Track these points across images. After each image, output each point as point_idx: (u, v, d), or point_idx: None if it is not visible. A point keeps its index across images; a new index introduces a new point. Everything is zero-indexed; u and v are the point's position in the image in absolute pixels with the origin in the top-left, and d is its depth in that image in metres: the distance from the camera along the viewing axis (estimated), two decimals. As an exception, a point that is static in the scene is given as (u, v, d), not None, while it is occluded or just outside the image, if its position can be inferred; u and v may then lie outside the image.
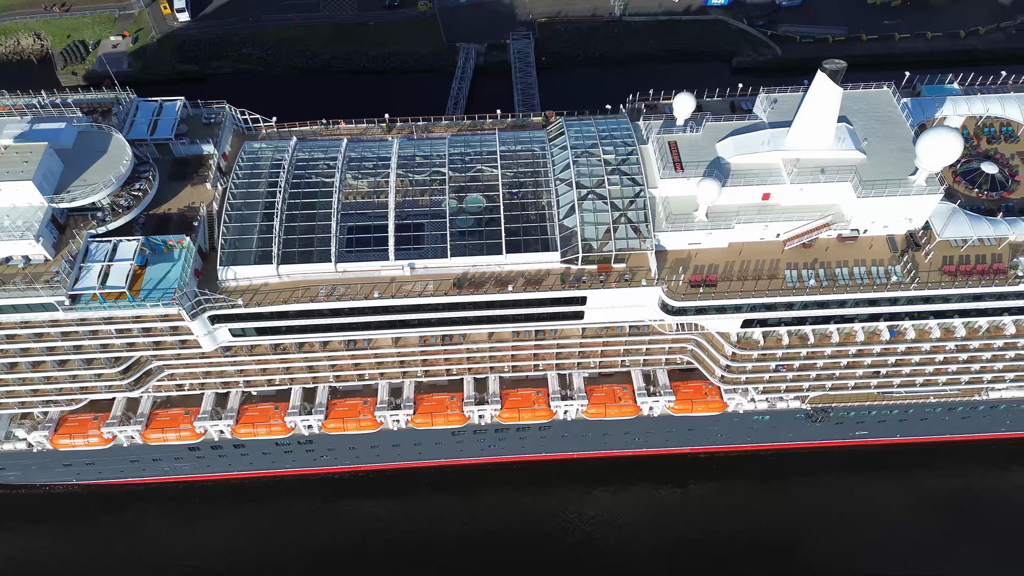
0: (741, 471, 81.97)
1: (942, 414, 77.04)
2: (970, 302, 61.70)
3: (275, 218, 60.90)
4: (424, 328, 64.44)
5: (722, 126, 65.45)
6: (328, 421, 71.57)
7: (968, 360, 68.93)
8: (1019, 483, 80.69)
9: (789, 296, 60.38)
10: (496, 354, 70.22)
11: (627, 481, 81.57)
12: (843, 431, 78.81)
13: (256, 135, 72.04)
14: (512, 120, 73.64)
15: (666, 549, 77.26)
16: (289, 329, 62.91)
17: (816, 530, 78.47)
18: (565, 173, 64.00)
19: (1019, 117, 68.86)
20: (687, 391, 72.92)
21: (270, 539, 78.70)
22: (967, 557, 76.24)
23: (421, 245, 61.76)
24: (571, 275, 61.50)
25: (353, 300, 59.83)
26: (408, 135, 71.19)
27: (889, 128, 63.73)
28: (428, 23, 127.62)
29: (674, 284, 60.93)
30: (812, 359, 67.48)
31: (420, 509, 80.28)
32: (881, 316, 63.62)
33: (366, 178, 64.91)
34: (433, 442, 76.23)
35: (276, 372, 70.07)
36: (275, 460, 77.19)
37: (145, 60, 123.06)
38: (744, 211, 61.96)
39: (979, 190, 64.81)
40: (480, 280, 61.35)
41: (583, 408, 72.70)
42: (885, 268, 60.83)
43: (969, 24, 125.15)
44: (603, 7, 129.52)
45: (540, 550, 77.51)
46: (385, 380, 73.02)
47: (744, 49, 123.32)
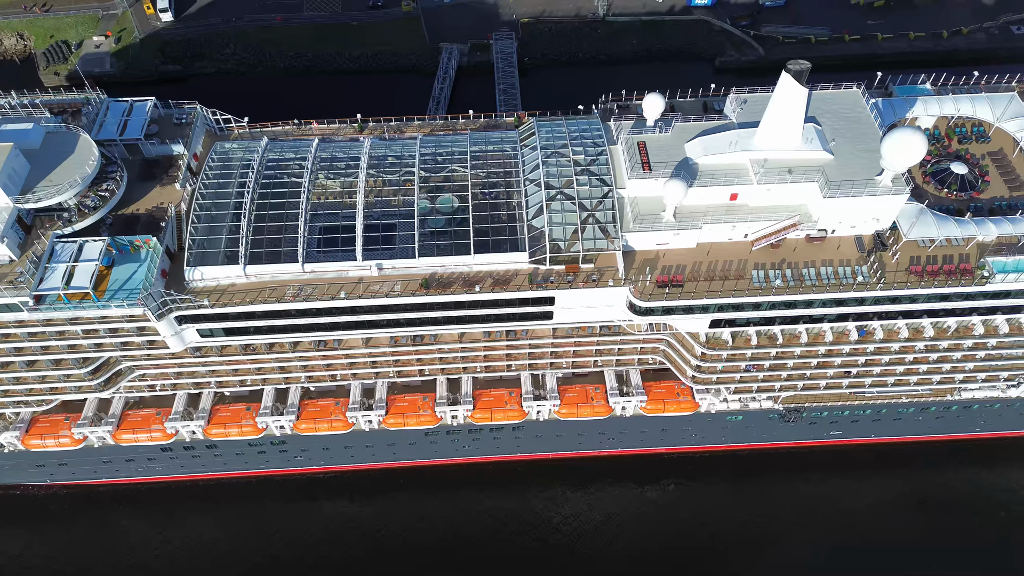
0: (717, 471, 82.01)
1: (915, 414, 77.11)
2: (937, 302, 61.74)
3: (243, 218, 60.86)
4: (393, 329, 64.42)
5: (692, 126, 65.53)
6: (300, 422, 71.56)
7: (938, 360, 68.97)
8: (993, 483, 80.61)
9: (756, 296, 60.38)
10: (468, 354, 70.22)
11: (603, 482, 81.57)
12: (817, 431, 78.88)
13: (228, 135, 71.96)
14: (485, 120, 73.62)
15: (642, 549, 77.25)
16: (257, 330, 62.85)
17: (792, 530, 78.49)
18: (534, 173, 64.04)
19: (990, 117, 68.96)
20: (659, 391, 72.98)
21: (245, 540, 78.66)
22: (942, 556, 76.24)
23: (389, 245, 61.66)
24: (539, 275, 61.47)
25: (320, 301, 59.77)
26: (380, 135, 71.13)
27: (857, 128, 63.81)
28: (411, 23, 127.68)
29: (641, 284, 60.94)
30: (782, 359, 67.49)
31: (396, 510, 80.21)
32: (849, 316, 63.65)
33: (336, 178, 64.81)
34: (407, 443, 76.24)
35: (248, 373, 69.97)
36: (249, 461, 77.15)
37: (128, 60, 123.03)
38: (712, 211, 61.97)
39: (948, 190, 64.86)
40: (448, 280, 61.32)
41: (555, 408, 72.70)
42: (852, 268, 60.86)
43: (952, 24, 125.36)
44: (587, 7, 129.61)
45: (515, 551, 77.49)
46: (358, 381, 73.00)
47: (727, 49, 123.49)
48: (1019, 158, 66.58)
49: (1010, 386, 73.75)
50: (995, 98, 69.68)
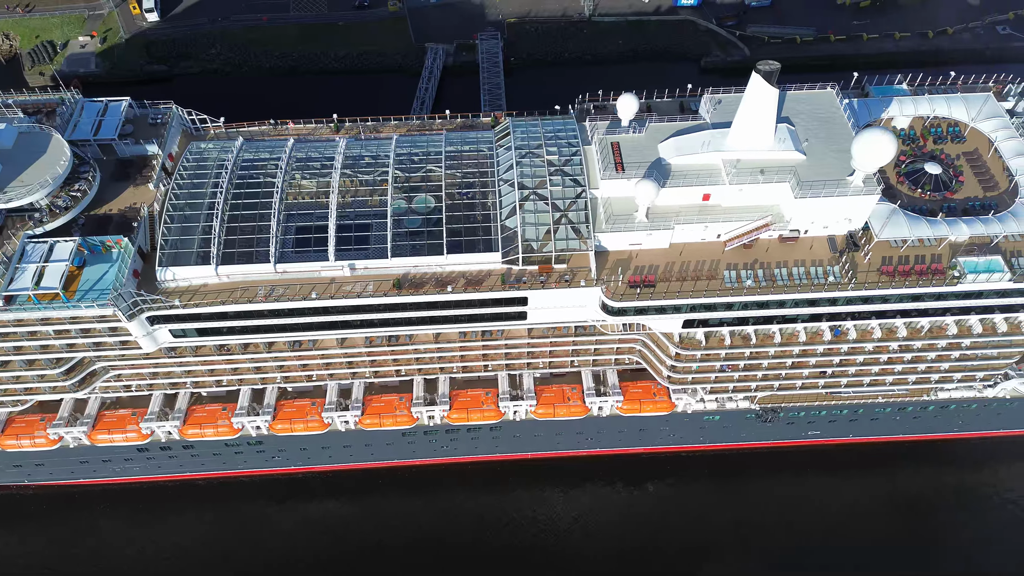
0: (696, 471, 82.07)
1: (893, 414, 77.17)
2: (909, 302, 61.76)
3: (215, 219, 60.83)
4: (368, 329, 64.42)
5: (666, 127, 65.56)
6: (276, 422, 71.56)
7: (913, 360, 69.01)
8: (972, 483, 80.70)
9: (728, 297, 60.37)
10: (445, 355, 70.25)
11: (582, 482, 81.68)
12: (795, 431, 78.94)
13: (204, 135, 71.92)
14: (462, 121, 73.64)
15: (620, 549, 77.28)
16: (230, 330, 62.82)
17: (771, 530, 78.54)
18: (508, 174, 64.04)
19: (965, 117, 68.98)
20: (636, 391, 73.03)
21: (226, 540, 78.72)
22: (921, 556, 76.31)
23: (363, 246, 61.61)
24: (512, 276, 61.46)
25: (290, 301, 59.76)
26: (356, 135, 71.10)
27: (831, 129, 63.90)
28: (397, 23, 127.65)
29: (613, 285, 60.95)
30: (756, 359, 67.52)
31: (376, 511, 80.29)
32: (823, 316, 63.66)
33: (310, 179, 64.79)
34: (385, 443, 76.22)
35: (224, 373, 69.98)
36: (227, 461, 77.12)
37: (113, 60, 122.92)
38: (684, 212, 61.98)
39: (922, 191, 64.85)
40: (421, 281, 61.31)
41: (532, 408, 72.70)
42: (824, 269, 60.88)
43: (938, 24, 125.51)
44: (573, 7, 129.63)
45: (495, 551, 77.54)
46: (334, 381, 73.00)
47: (713, 49, 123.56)
48: (994, 158, 66.56)
49: (986, 386, 73.80)
50: (970, 98, 69.71)
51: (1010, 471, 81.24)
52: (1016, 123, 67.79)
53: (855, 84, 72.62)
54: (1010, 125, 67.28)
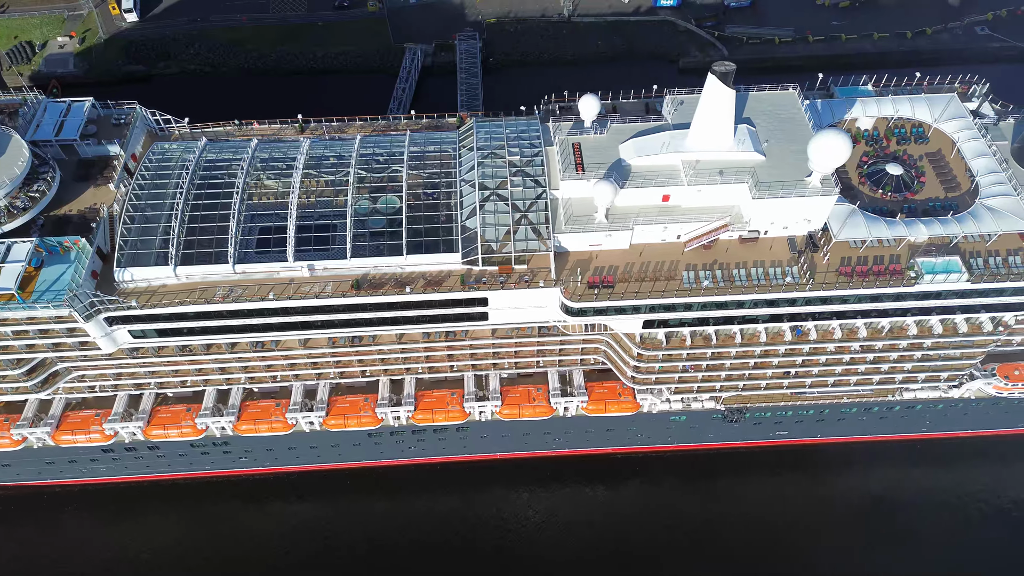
0: (665, 472, 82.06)
1: (858, 414, 77.26)
2: (868, 303, 61.82)
3: (174, 219, 60.78)
4: (328, 330, 64.40)
5: (627, 128, 65.65)
6: (240, 423, 71.50)
7: (876, 361, 69.12)
8: (941, 483, 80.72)
9: (686, 297, 60.39)
10: (409, 356, 70.28)
11: (551, 482, 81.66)
12: (762, 431, 79.00)
13: (170, 136, 71.87)
14: (427, 121, 73.63)
15: (588, 549, 77.19)
16: (191, 331, 62.81)
17: (740, 530, 78.42)
18: (470, 174, 64.06)
19: (928, 118, 69.09)
20: (601, 391, 73.08)
21: (194, 541, 78.53)
22: (889, 556, 76.33)
23: (323, 246, 61.64)
24: (472, 276, 61.47)
25: (248, 302, 59.71)
26: (320, 136, 71.06)
27: (791, 129, 63.96)
28: (377, 24, 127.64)
29: (572, 285, 60.97)
30: (719, 359, 67.57)
31: (343, 512, 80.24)
32: (783, 317, 63.70)
33: (272, 179, 64.83)
34: (351, 444, 76.15)
35: (188, 374, 69.99)
36: (193, 462, 77.06)
37: (91, 61, 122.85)
38: (644, 213, 62.08)
39: (883, 191, 64.95)
40: (380, 282, 61.30)
41: (497, 409, 72.68)
42: (783, 269, 60.92)
43: (917, 25, 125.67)
44: (552, 8, 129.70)
45: (463, 551, 77.42)
46: (300, 382, 72.96)
47: (691, 50, 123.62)
48: (956, 159, 66.67)
49: (951, 386, 73.91)
50: (934, 99, 69.86)
51: (978, 471, 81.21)
52: (980, 124, 67.91)
53: (820, 85, 72.79)
54: (973, 126, 67.40)
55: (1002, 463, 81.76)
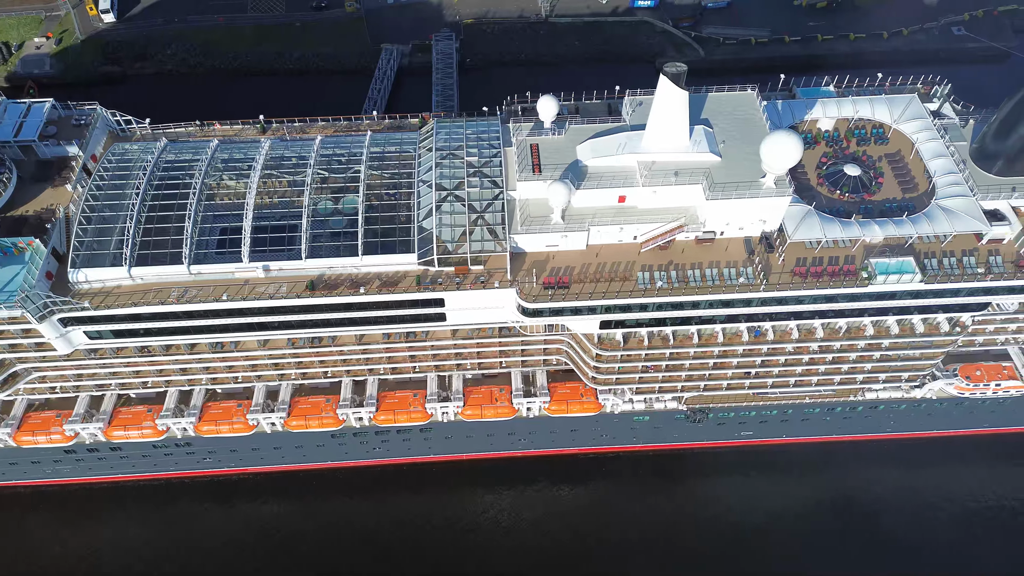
0: (632, 472, 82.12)
1: (822, 415, 77.37)
2: (823, 303, 61.89)
3: (129, 220, 60.71)
4: (286, 331, 64.38)
5: (586, 128, 65.73)
6: (201, 424, 71.43)
7: (835, 361, 69.23)
8: (906, 484, 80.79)
9: (640, 298, 60.44)
10: (371, 356, 70.28)
11: (516, 483, 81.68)
12: (727, 432, 79.07)
13: (131, 136, 71.81)
14: (389, 122, 73.63)
15: (554, 549, 77.19)
16: (147, 332, 62.73)
17: (707, 530, 78.52)
18: (428, 175, 64.03)
19: (888, 119, 69.20)
20: (564, 392, 73.14)
21: (158, 542, 78.41)
22: (858, 557, 76.39)
23: (278, 247, 61.56)
24: (428, 277, 61.49)
25: (202, 303, 59.63)
26: (281, 136, 71.06)
27: (749, 130, 63.93)
28: (355, 24, 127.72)
29: (528, 286, 61.00)
30: (678, 360, 67.62)
31: (308, 512, 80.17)
32: (740, 317, 63.83)
33: (230, 180, 64.75)
34: (315, 445, 76.16)
35: (149, 375, 69.98)
36: (157, 463, 77.01)
37: (68, 62, 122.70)
38: (601, 213, 62.14)
39: (841, 192, 65.02)
40: (335, 282, 61.30)
41: (459, 410, 72.70)
42: (737, 270, 60.97)
43: (893, 26, 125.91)
44: (530, 8, 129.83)
45: (428, 552, 77.46)
46: (262, 383, 72.92)
47: (668, 50, 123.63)
48: (915, 160, 66.77)
49: (913, 387, 74.06)
50: (894, 100, 69.98)
51: (943, 472, 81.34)
52: (939, 124, 68.01)
53: (783, 85, 72.89)
54: (932, 126, 67.50)
55: (962, 463, 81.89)
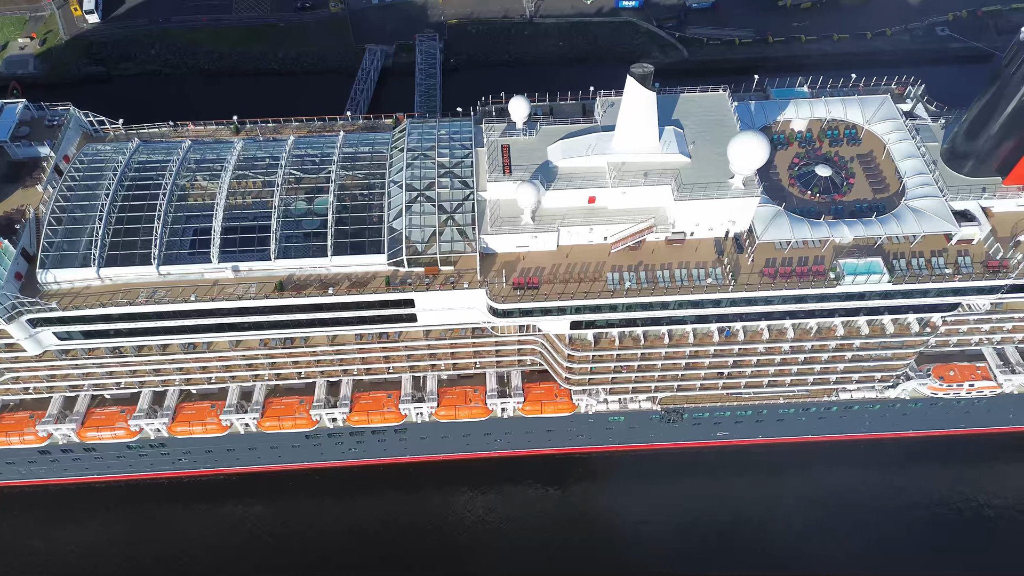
0: (608, 472, 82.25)
1: (797, 415, 77.46)
2: (793, 304, 61.97)
3: (99, 220, 60.68)
4: (257, 331, 64.37)
5: (557, 129, 65.83)
6: (175, 424, 71.41)
7: (807, 361, 69.32)
8: (877, 485, 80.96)
9: (609, 299, 60.48)
10: (345, 357, 70.27)
11: (492, 483, 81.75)
12: (703, 432, 79.13)
13: (105, 137, 71.78)
14: (364, 122, 73.71)
15: (531, 551, 77.25)
16: (117, 332, 62.71)
17: (684, 529, 78.58)
18: (399, 175, 64.07)
19: (860, 120, 69.30)
20: (538, 392, 73.18)
21: (133, 543, 78.43)
22: (835, 556, 76.50)
23: (247, 248, 61.53)
24: (397, 278, 61.52)
25: (170, 304, 59.62)
26: (254, 137, 71.06)
27: (719, 131, 63.96)
28: (339, 24, 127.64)
29: (497, 287, 61.03)
30: (650, 360, 67.68)
31: (284, 513, 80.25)
32: (710, 318, 63.89)
33: (201, 180, 64.75)
34: (290, 445, 76.14)
35: (122, 375, 69.94)
36: (132, 464, 76.96)
37: (51, 62, 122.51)
38: (571, 214, 62.21)
39: (812, 192, 65.11)
40: (305, 283, 61.30)
41: (434, 410, 72.71)
42: (706, 270, 61.04)
43: (877, 26, 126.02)
44: (515, 9, 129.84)
45: (405, 553, 77.48)
46: (236, 383, 72.87)
47: (652, 51, 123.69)
48: (887, 160, 66.89)
49: (886, 387, 74.15)
50: (867, 100, 70.09)
51: (913, 473, 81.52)
52: (911, 125, 68.10)
53: (757, 86, 73.02)
54: (904, 127, 67.59)
55: (941, 464, 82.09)
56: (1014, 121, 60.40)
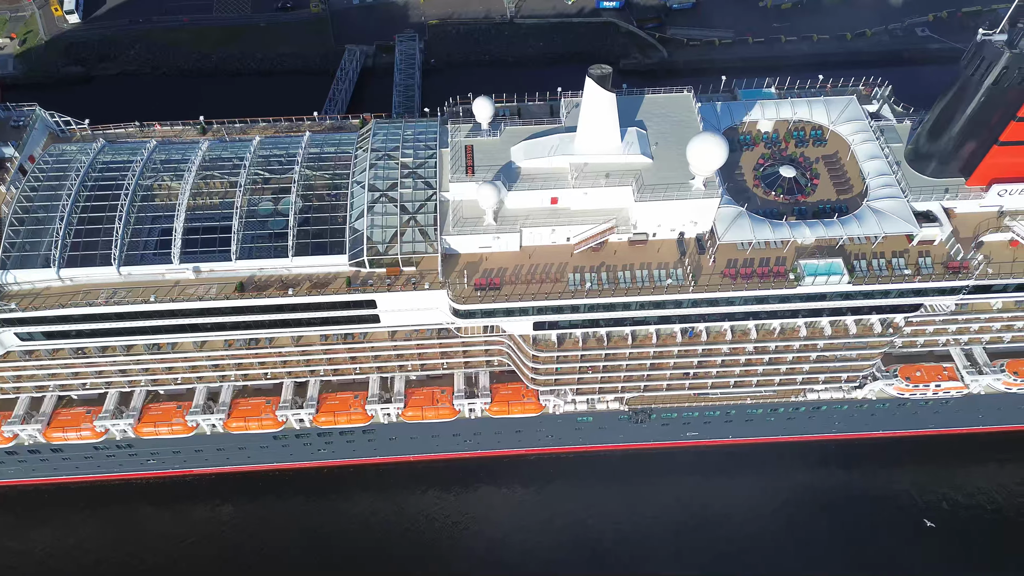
0: (578, 473, 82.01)
1: (765, 415, 77.48)
2: (754, 304, 62.01)
3: (61, 221, 60.62)
4: (220, 332, 64.31)
5: (521, 130, 65.88)
6: (141, 425, 71.34)
7: (772, 362, 69.35)
8: (846, 485, 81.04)
9: (570, 299, 60.47)
10: (312, 358, 70.22)
11: (461, 484, 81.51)
12: (673, 432, 79.13)
13: (71, 138, 71.73)
14: (331, 123, 73.76)
15: (501, 551, 77.20)
16: (79, 333, 62.66)
17: (656, 529, 78.46)
18: (363, 176, 64.05)
19: (825, 120, 69.33)
20: (505, 393, 73.17)
21: (103, 544, 78.24)
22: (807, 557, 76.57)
23: (209, 248, 61.45)
24: (359, 278, 61.50)
25: (129, 304, 59.57)
26: (221, 138, 71.03)
27: (683, 132, 63.91)
28: (320, 25, 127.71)
29: (459, 287, 61.01)
30: (614, 360, 67.67)
31: (254, 514, 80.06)
32: (673, 318, 63.88)
33: (163, 181, 64.72)
34: (258, 446, 76.04)
35: (87, 376, 69.88)
36: (100, 464, 76.82)
37: (31, 62, 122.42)
38: (534, 215, 62.23)
39: (776, 193, 65.16)
40: (266, 284, 61.27)
41: (401, 411, 72.68)
42: (667, 271, 61.05)
43: (857, 27, 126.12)
44: (496, 9, 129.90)
45: (374, 553, 77.38)
46: (203, 384, 72.78)
47: (632, 52, 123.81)
48: (852, 161, 66.91)
49: (853, 387, 74.16)
50: (832, 101, 70.11)
51: (883, 473, 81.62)
52: (876, 126, 68.18)
53: (725, 87, 73.10)
54: (868, 128, 67.67)
55: (915, 464, 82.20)
56: (974, 122, 60.61)
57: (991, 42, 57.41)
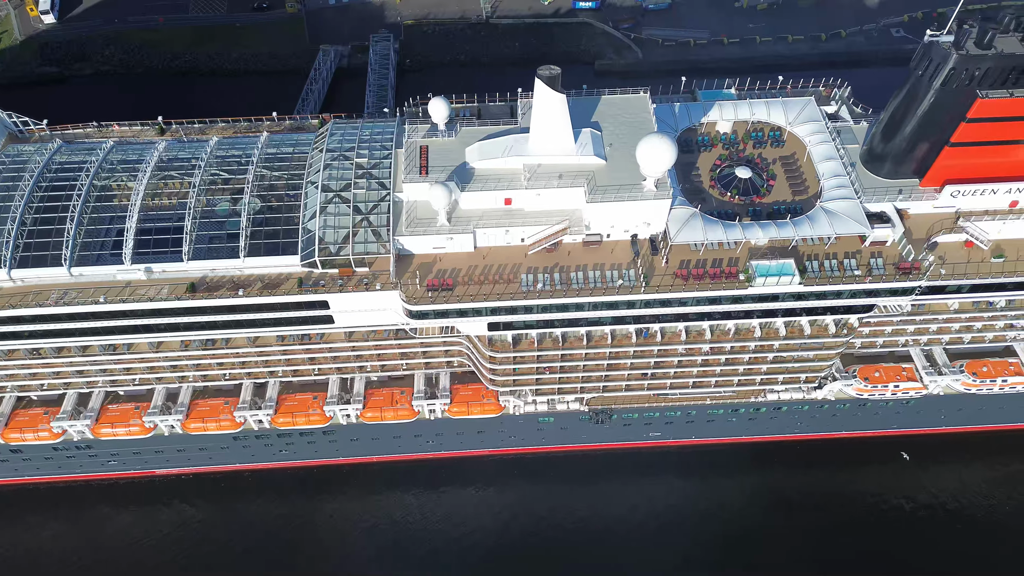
0: (541, 473, 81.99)
1: (727, 416, 77.51)
2: (707, 305, 62.03)
3: (11, 221, 60.50)
4: (173, 333, 64.20)
5: (477, 131, 65.82)
6: (99, 426, 71.19)
7: (729, 362, 69.38)
8: (815, 485, 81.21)
9: (522, 300, 60.44)
10: (269, 359, 70.15)
11: (423, 485, 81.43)
12: (635, 433, 79.12)
13: (30, 138, 71.56)
14: (291, 123, 73.65)
15: (468, 552, 77.15)
16: (31, 334, 62.53)
17: (620, 531, 78.47)
18: (317, 176, 63.95)
19: (783, 122, 69.37)
20: (466, 394, 73.12)
21: (66, 545, 78.04)
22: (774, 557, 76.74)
23: (161, 249, 61.37)
24: (311, 279, 61.44)
25: (78, 305, 59.48)
26: (178, 138, 70.92)
27: (638, 133, 63.61)
28: (296, 25, 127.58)
29: (411, 288, 60.96)
30: (571, 361, 67.64)
31: (216, 515, 79.96)
32: (627, 319, 63.88)
33: (118, 181, 64.60)
34: (219, 447, 75.92)
35: (45, 377, 69.73)
36: (61, 465, 76.65)
37: (5, 62, 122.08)
38: (488, 216, 62.18)
39: (731, 194, 65.17)
40: (217, 284, 61.17)
41: (359, 412, 72.60)
42: (620, 272, 61.05)
43: (832, 27, 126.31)
44: (472, 9, 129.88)
45: (333, 555, 77.39)
46: (162, 385, 72.67)
47: (607, 52, 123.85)
48: (809, 162, 66.95)
49: (812, 388, 74.23)
50: (790, 103, 70.14)
51: (845, 474, 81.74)
52: (833, 127, 68.18)
53: (685, 88, 73.13)
54: (824, 129, 67.66)
55: (879, 464, 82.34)
56: (926, 123, 60.68)
57: (939, 43, 57.50)
